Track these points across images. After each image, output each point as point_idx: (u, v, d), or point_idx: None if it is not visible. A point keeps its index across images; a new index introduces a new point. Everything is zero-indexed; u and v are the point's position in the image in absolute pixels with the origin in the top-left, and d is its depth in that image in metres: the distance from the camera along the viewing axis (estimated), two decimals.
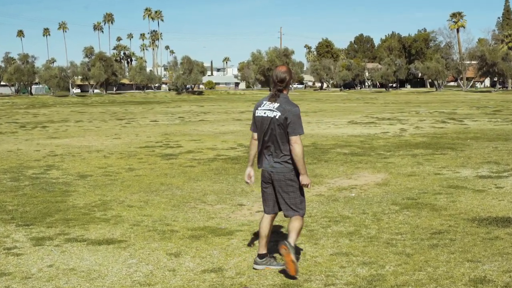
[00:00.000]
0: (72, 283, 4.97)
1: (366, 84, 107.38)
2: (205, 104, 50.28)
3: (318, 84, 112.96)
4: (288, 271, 4.92)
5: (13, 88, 79.82)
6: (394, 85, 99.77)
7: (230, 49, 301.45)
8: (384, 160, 12.13)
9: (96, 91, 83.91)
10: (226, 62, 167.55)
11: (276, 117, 4.98)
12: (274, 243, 5.80)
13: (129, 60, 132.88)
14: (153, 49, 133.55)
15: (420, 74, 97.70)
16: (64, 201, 8.38)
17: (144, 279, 5.05)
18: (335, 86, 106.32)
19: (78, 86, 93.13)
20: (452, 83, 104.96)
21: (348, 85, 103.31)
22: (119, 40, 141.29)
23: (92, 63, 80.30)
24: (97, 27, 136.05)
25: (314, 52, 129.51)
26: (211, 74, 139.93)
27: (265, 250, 5.26)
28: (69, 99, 65.03)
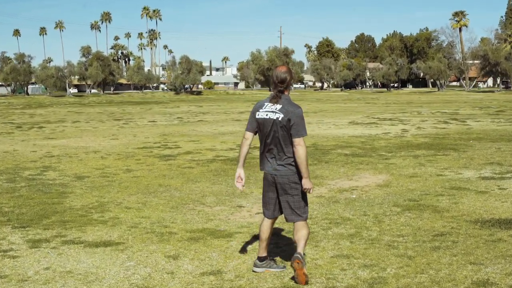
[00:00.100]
0: (69, 286, 4.92)
1: (367, 84, 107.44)
2: (204, 104, 50.30)
3: (319, 84, 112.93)
4: (298, 282, 4.84)
5: (9, 88, 79.53)
6: (395, 85, 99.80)
7: (229, 49, 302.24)
8: (386, 161, 12.07)
9: (93, 91, 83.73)
10: (225, 62, 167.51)
11: (279, 119, 4.90)
12: (274, 245, 5.75)
13: (126, 59, 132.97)
14: (151, 48, 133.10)
15: (422, 74, 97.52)
16: (61, 203, 8.33)
17: (142, 282, 5.01)
18: (336, 86, 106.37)
19: (75, 86, 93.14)
20: (454, 83, 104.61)
21: (349, 85, 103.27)
22: (116, 40, 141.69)
23: (90, 62, 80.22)
24: (95, 26, 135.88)
25: (315, 52, 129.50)
26: (210, 74, 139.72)
27: (265, 253, 5.21)
28: (66, 99, 65.04)
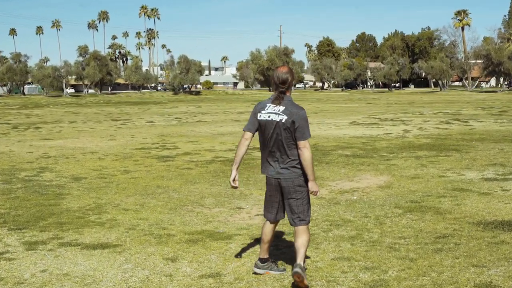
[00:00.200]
0: None
1: (368, 84, 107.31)
2: (203, 104, 50.31)
3: (319, 84, 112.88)
4: None
5: (5, 88, 79.67)
6: (397, 85, 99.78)
7: (228, 48, 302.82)
8: (387, 162, 12.02)
9: (90, 91, 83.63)
10: (225, 61, 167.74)
11: (283, 121, 4.82)
12: (274, 247, 5.69)
13: (124, 59, 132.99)
14: (149, 48, 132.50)
15: (424, 74, 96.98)
16: (57, 204, 8.28)
17: (140, 284, 4.97)
18: (337, 86, 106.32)
19: (72, 86, 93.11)
20: (456, 83, 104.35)
21: (349, 85, 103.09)
22: (114, 39, 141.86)
23: (87, 62, 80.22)
24: (92, 25, 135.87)
25: (315, 51, 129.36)
26: (209, 74, 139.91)
27: (266, 255, 5.17)
28: (63, 99, 65.07)
